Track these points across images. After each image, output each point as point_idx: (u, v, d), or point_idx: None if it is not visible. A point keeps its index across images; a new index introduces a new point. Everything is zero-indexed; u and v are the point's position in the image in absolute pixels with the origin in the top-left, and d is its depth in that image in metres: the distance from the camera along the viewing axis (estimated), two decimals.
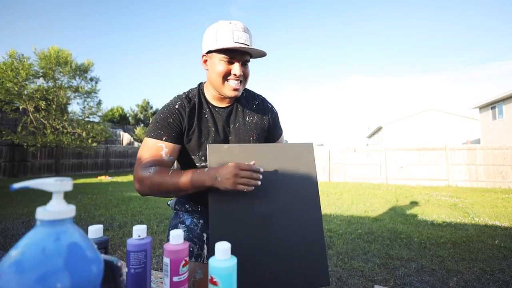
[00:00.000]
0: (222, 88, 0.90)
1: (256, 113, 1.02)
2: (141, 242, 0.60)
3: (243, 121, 0.99)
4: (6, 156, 10.90)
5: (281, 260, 0.75)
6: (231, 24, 0.85)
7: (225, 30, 0.84)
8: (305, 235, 0.79)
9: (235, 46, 0.82)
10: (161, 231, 3.69)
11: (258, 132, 1.01)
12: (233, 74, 0.87)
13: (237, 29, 0.84)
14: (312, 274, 0.75)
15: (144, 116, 28.66)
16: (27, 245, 0.31)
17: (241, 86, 0.91)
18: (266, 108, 1.05)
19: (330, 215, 4.87)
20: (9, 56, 10.77)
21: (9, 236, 3.41)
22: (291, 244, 0.77)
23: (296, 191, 0.83)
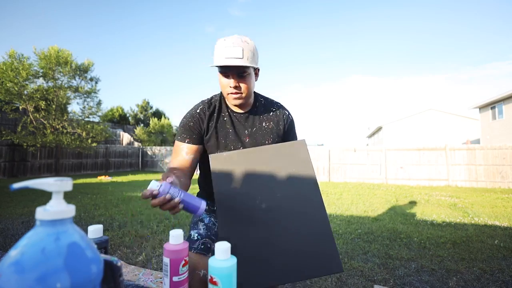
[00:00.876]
0: (227, 99, 1.01)
1: (273, 119, 1.11)
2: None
3: (259, 126, 1.08)
4: (6, 156, 10.90)
5: (290, 251, 0.76)
6: (224, 41, 0.94)
7: (219, 48, 0.94)
8: (311, 224, 0.81)
9: (221, 64, 0.91)
10: (161, 231, 3.69)
11: (273, 136, 1.09)
12: (229, 86, 0.96)
13: (228, 46, 0.92)
14: (324, 261, 0.75)
15: (144, 116, 28.65)
16: (26, 245, 0.31)
17: (242, 96, 0.98)
18: (282, 115, 1.13)
19: (330, 215, 4.87)
20: (9, 56, 10.76)
21: (9, 236, 3.41)
22: (298, 234, 0.79)
23: (296, 184, 0.87)
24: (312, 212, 0.82)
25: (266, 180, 0.87)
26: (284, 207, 0.82)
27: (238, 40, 0.93)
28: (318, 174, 11.74)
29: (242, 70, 0.95)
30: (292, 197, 0.85)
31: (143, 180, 10.86)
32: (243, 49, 0.93)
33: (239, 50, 0.92)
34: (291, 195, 0.85)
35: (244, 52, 0.93)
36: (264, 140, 1.07)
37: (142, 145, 19.73)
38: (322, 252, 0.76)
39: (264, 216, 0.81)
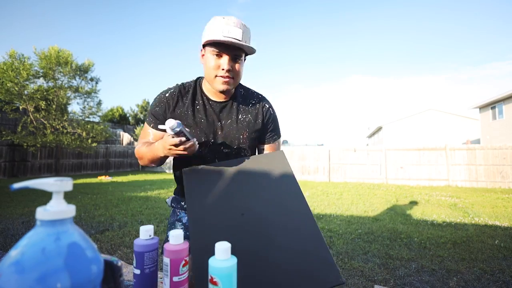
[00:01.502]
0: (213, 82, 0.91)
1: (250, 112, 1.01)
2: (153, 241, 0.61)
3: (235, 118, 0.98)
4: (6, 156, 10.90)
5: (283, 268, 0.66)
6: (224, 19, 0.86)
7: (217, 25, 0.85)
8: (303, 237, 0.73)
9: (221, 40, 0.83)
10: (161, 231, 3.69)
11: (249, 131, 1.00)
12: (221, 68, 0.88)
13: (228, 24, 0.85)
14: (322, 275, 0.66)
15: (144, 116, 28.63)
16: (27, 245, 0.31)
17: (231, 81, 0.90)
18: (262, 108, 1.03)
19: (330, 215, 4.86)
20: (9, 56, 10.77)
21: (9, 236, 3.41)
22: (290, 248, 0.70)
23: (282, 197, 0.81)
24: (303, 225, 0.75)
25: (247, 195, 0.80)
26: (272, 221, 0.75)
27: (238, 21, 0.86)
28: (318, 174, 11.75)
29: (239, 53, 0.88)
30: (280, 211, 0.77)
31: (143, 180, 10.86)
32: (243, 32, 0.86)
33: (239, 31, 0.85)
34: (278, 209, 0.78)
35: (244, 35, 0.87)
36: (238, 134, 0.98)
37: None
38: (319, 266, 0.67)
39: (251, 233, 0.72)
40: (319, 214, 4.95)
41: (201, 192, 0.82)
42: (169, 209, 5.09)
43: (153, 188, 8.27)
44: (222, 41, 0.83)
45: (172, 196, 1.11)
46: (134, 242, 0.62)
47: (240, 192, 0.81)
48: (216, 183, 0.83)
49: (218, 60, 0.88)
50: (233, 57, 0.88)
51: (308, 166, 11.97)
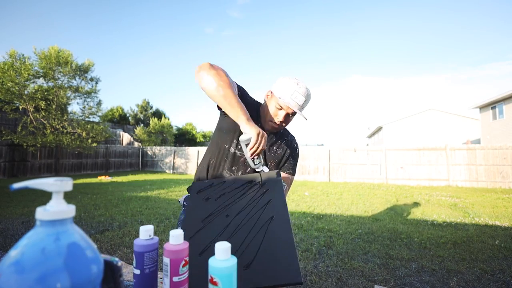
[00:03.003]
0: (266, 123, 1.13)
1: (282, 147, 1.21)
2: (153, 241, 0.62)
3: (270, 147, 1.19)
4: (6, 156, 10.90)
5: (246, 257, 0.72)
6: (297, 85, 1.07)
7: (290, 86, 1.07)
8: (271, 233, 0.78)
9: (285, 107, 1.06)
10: (161, 231, 3.69)
11: (277, 161, 1.20)
12: (277, 118, 1.10)
13: (298, 92, 1.07)
14: (281, 271, 0.69)
15: (144, 116, 28.65)
16: (26, 245, 0.31)
17: (278, 129, 1.15)
18: (291, 147, 1.24)
19: (330, 215, 4.86)
20: (10, 56, 10.77)
21: (9, 236, 3.41)
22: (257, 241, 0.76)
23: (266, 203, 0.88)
24: (276, 222, 0.81)
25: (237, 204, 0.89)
26: (250, 224, 0.81)
27: (305, 91, 1.08)
28: (318, 174, 11.75)
29: (294, 113, 1.09)
30: (257, 208, 0.86)
31: (143, 180, 10.87)
32: (305, 100, 1.09)
33: (303, 100, 1.08)
34: (257, 208, 0.86)
35: (304, 103, 1.09)
36: (269, 161, 1.18)
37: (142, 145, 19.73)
38: (280, 263, 0.70)
39: (230, 233, 0.79)
40: (319, 214, 4.95)
41: (200, 200, 0.92)
42: (171, 211, 5.09)
43: (153, 188, 8.27)
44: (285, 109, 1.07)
45: (186, 195, 1.17)
46: (134, 242, 0.62)
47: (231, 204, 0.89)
48: (215, 197, 0.93)
49: (277, 111, 1.09)
50: (288, 114, 1.10)
51: (308, 166, 11.97)
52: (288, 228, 0.80)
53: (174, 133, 25.19)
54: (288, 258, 0.72)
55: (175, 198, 6.55)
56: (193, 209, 0.89)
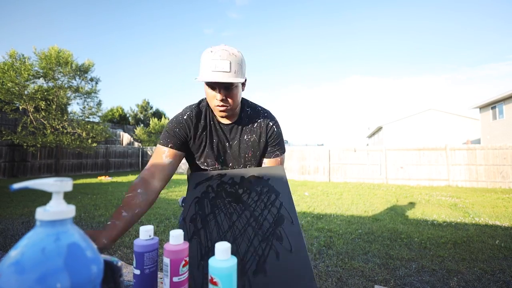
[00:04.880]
0: (214, 111, 1.00)
1: (255, 132, 1.08)
2: (153, 241, 0.62)
3: (240, 138, 1.07)
4: (6, 156, 10.90)
5: (253, 261, 0.69)
6: (211, 53, 0.90)
7: (206, 61, 0.90)
8: (281, 236, 0.74)
9: (207, 80, 0.89)
10: (161, 231, 3.69)
11: (254, 150, 1.08)
12: (215, 100, 0.95)
13: (215, 58, 0.89)
14: (294, 278, 0.65)
15: (144, 116, 28.65)
16: (26, 245, 0.31)
17: (227, 108, 0.97)
18: (266, 126, 1.09)
19: (330, 215, 4.86)
20: (10, 56, 10.77)
21: (9, 236, 3.41)
22: (262, 244, 0.72)
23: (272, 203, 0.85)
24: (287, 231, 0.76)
25: (241, 201, 0.86)
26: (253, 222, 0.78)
27: (225, 53, 0.90)
28: (318, 174, 11.75)
29: (229, 84, 0.93)
30: (266, 215, 0.81)
31: None
32: (231, 62, 0.90)
33: (227, 63, 0.89)
34: (265, 214, 0.81)
35: (232, 66, 0.90)
36: (244, 153, 1.06)
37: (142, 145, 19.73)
38: (294, 268, 0.66)
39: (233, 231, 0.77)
40: (319, 214, 4.95)
41: (199, 194, 0.89)
42: (171, 211, 5.10)
43: None
44: (208, 81, 0.90)
45: (183, 197, 1.17)
46: (134, 243, 0.62)
47: (234, 200, 0.86)
48: (215, 186, 0.91)
49: (212, 92, 0.94)
50: (225, 89, 0.93)
51: (308, 166, 11.97)
52: (299, 230, 0.76)
53: None
54: (301, 266, 0.67)
55: (175, 198, 6.55)
56: (193, 205, 0.85)
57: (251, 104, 1.13)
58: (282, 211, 0.82)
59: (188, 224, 0.79)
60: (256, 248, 0.71)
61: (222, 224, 0.78)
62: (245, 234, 0.75)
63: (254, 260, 0.69)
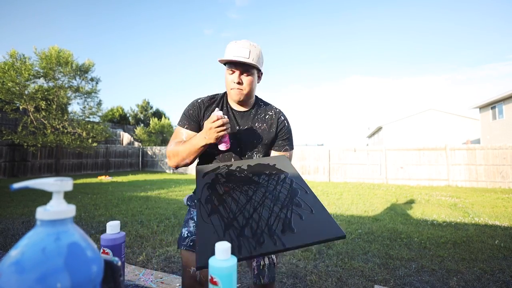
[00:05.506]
0: (230, 95, 1.10)
1: (266, 122, 1.16)
2: (122, 234, 0.71)
3: (252, 125, 1.14)
4: (6, 156, 10.90)
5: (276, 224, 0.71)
6: (235, 43, 1.05)
7: (229, 47, 1.05)
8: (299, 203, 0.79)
9: (227, 58, 1.02)
10: (161, 231, 3.69)
11: (263, 138, 1.14)
12: (232, 81, 1.05)
13: (238, 46, 1.03)
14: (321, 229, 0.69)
15: (144, 116, 28.64)
16: (27, 245, 0.31)
17: (243, 92, 1.07)
18: (277, 119, 1.17)
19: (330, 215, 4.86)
20: (10, 56, 10.77)
21: (9, 236, 3.41)
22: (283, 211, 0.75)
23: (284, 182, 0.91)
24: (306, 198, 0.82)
25: (253, 182, 0.88)
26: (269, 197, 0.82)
27: (247, 43, 1.05)
28: (318, 174, 11.74)
29: (246, 68, 1.04)
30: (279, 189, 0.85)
31: (143, 180, 10.87)
32: (250, 50, 1.03)
33: (247, 51, 1.03)
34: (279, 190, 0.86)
35: (251, 54, 1.03)
36: (253, 140, 1.13)
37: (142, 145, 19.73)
38: (319, 221, 0.71)
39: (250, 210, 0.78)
40: None
41: (209, 180, 0.90)
42: (171, 211, 5.10)
43: (153, 188, 8.28)
44: (228, 60, 1.02)
45: (188, 195, 1.18)
46: (102, 237, 0.69)
47: (243, 187, 0.87)
48: (224, 173, 0.94)
49: (231, 76, 1.06)
50: (243, 72, 1.05)
51: (308, 166, 11.97)
52: (314, 197, 0.82)
53: None
54: (325, 220, 0.72)
55: (175, 198, 6.55)
56: (206, 189, 0.85)
57: (264, 100, 1.24)
58: (294, 185, 0.87)
59: (204, 205, 0.79)
60: (279, 214, 0.74)
61: (240, 199, 0.80)
62: (264, 205, 0.77)
63: (279, 222, 0.71)
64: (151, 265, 2.63)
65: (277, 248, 0.62)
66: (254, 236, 0.66)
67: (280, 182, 0.89)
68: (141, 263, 2.68)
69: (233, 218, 0.73)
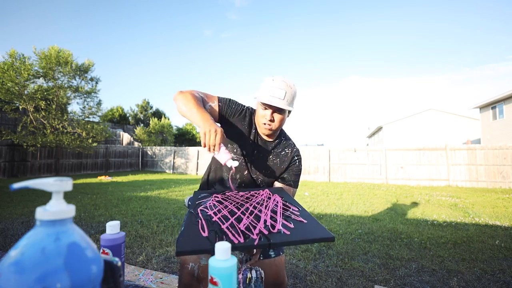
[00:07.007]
0: (259, 127, 1.16)
1: (281, 158, 1.21)
2: (122, 234, 0.72)
3: (267, 156, 1.20)
4: (6, 156, 10.90)
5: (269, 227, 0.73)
6: (272, 81, 1.08)
7: (267, 86, 1.08)
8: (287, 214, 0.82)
9: (264, 101, 1.05)
10: (161, 231, 3.69)
11: (273, 172, 1.20)
12: (265, 118, 1.10)
13: (274, 86, 1.06)
14: (310, 232, 0.70)
15: (144, 116, 28.64)
16: (26, 245, 0.31)
17: (272, 128, 1.12)
18: (291, 159, 1.22)
19: (330, 215, 4.86)
20: (10, 56, 10.76)
21: (9, 236, 3.41)
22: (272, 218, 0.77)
23: None
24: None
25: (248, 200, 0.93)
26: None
27: (283, 84, 1.07)
28: (318, 174, 11.74)
29: (280, 109, 1.09)
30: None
31: (143, 180, 10.86)
32: (286, 92, 1.06)
33: (283, 92, 1.06)
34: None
35: (286, 95, 1.06)
36: (263, 170, 1.19)
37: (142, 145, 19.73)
38: (308, 227, 0.73)
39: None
40: (319, 214, 4.95)
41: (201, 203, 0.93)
42: (171, 211, 5.10)
43: (153, 188, 8.27)
44: (265, 103, 1.06)
45: (190, 196, 1.20)
46: (101, 237, 0.69)
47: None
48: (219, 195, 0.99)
49: (264, 111, 1.10)
50: (276, 111, 1.09)
51: (308, 166, 11.97)
52: (306, 212, 0.84)
53: (174, 133, 25.17)
54: (314, 228, 0.73)
55: (175, 198, 6.55)
56: (198, 205, 0.90)
57: (287, 136, 1.30)
58: (287, 203, 0.91)
59: (195, 213, 0.82)
60: (267, 220, 0.75)
61: (231, 210, 0.83)
62: (255, 213, 0.80)
63: (267, 225, 0.73)
64: (151, 265, 2.62)
65: (261, 243, 0.63)
66: (239, 233, 0.67)
67: (272, 201, 0.92)
68: (141, 263, 2.68)
69: (221, 222, 0.74)
